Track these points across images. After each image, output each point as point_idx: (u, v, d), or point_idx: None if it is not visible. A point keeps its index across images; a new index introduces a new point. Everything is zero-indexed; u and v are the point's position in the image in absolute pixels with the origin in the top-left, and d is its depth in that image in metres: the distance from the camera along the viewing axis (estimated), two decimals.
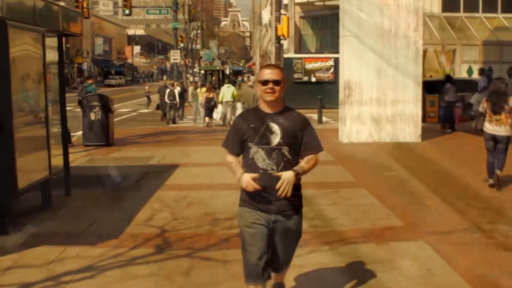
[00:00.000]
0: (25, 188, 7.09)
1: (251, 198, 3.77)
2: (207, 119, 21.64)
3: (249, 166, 3.77)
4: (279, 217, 3.79)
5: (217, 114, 22.30)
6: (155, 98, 32.82)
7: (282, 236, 3.85)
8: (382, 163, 11.63)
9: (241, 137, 3.80)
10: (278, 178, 3.63)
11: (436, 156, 12.55)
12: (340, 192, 8.71)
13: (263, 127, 3.73)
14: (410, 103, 15.14)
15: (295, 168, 3.68)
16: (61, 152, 8.71)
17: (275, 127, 3.73)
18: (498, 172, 8.87)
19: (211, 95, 21.61)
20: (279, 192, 3.61)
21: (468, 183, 9.38)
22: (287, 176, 3.63)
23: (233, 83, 26.13)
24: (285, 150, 3.72)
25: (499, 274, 5.11)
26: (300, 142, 3.80)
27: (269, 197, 3.73)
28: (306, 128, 3.83)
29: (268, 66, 3.89)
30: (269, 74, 3.76)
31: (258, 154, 3.73)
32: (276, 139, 3.72)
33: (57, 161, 8.45)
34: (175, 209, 7.80)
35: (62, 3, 10.63)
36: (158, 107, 27.20)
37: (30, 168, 7.32)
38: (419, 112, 15.29)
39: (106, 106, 15.52)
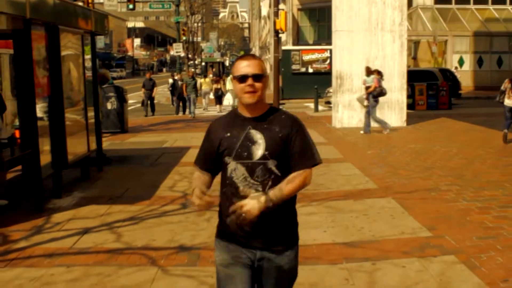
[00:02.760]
0: (72, 161, 8.77)
1: (230, 228, 2.91)
2: (218, 106, 24.64)
3: (227, 187, 2.91)
4: (266, 254, 2.92)
5: (227, 100, 25.82)
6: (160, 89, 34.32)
7: (272, 278, 2.98)
8: (368, 143, 13.30)
9: (216, 149, 2.96)
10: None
11: (416, 137, 14.24)
12: (329, 166, 10.32)
13: (242, 136, 2.89)
14: (396, 91, 16.79)
15: (270, 194, 2.78)
16: (94, 135, 10.37)
17: (257, 136, 2.88)
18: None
19: (219, 86, 24.20)
20: (230, 210, 2.79)
21: (438, 157, 11.04)
22: (251, 203, 2.74)
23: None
24: (271, 164, 2.86)
25: (443, 216, 6.80)
26: (288, 150, 2.91)
27: (253, 227, 2.86)
28: (297, 133, 2.92)
29: (245, 57, 2.97)
30: (247, 67, 2.89)
31: (238, 172, 2.87)
32: (259, 151, 2.86)
33: (91, 142, 10.11)
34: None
35: (80, 3, 12.26)
36: (143, 103, 24.12)
37: (74, 146, 8.98)
38: (404, 99, 16.93)
39: (121, 97, 17.18)
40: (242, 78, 2.88)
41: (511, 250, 5.52)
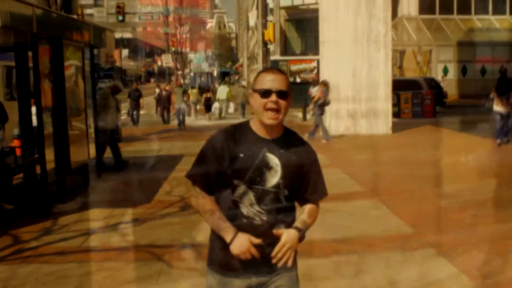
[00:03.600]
0: (75, 168, 9.22)
1: (226, 259, 2.66)
2: (208, 114, 25.45)
3: (227, 211, 2.63)
4: (262, 279, 2.69)
5: (214, 109, 26.48)
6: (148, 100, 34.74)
7: None
8: (355, 150, 13.89)
9: (224, 168, 2.60)
10: (266, 233, 2.58)
11: (401, 144, 14.87)
12: None
13: (258, 159, 2.58)
14: (382, 100, 17.39)
15: (298, 225, 2.63)
16: (94, 144, 10.84)
17: (274, 161, 2.59)
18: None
19: (209, 95, 25.13)
20: (276, 261, 2.57)
21: (421, 162, 11.62)
22: (290, 237, 2.56)
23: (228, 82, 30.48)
24: (282, 194, 2.60)
25: (424, 215, 7.36)
26: (303, 182, 2.69)
27: (253, 258, 2.59)
28: (313, 164, 2.74)
29: (270, 70, 2.69)
30: (272, 81, 2.61)
31: (246, 198, 2.57)
32: (274, 179, 2.59)
33: (91, 150, 10.57)
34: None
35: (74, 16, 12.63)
36: (129, 113, 23.53)
37: (76, 154, 9.43)
38: (389, 107, 17.55)
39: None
40: (265, 93, 2.58)
41: (485, 243, 6.08)
